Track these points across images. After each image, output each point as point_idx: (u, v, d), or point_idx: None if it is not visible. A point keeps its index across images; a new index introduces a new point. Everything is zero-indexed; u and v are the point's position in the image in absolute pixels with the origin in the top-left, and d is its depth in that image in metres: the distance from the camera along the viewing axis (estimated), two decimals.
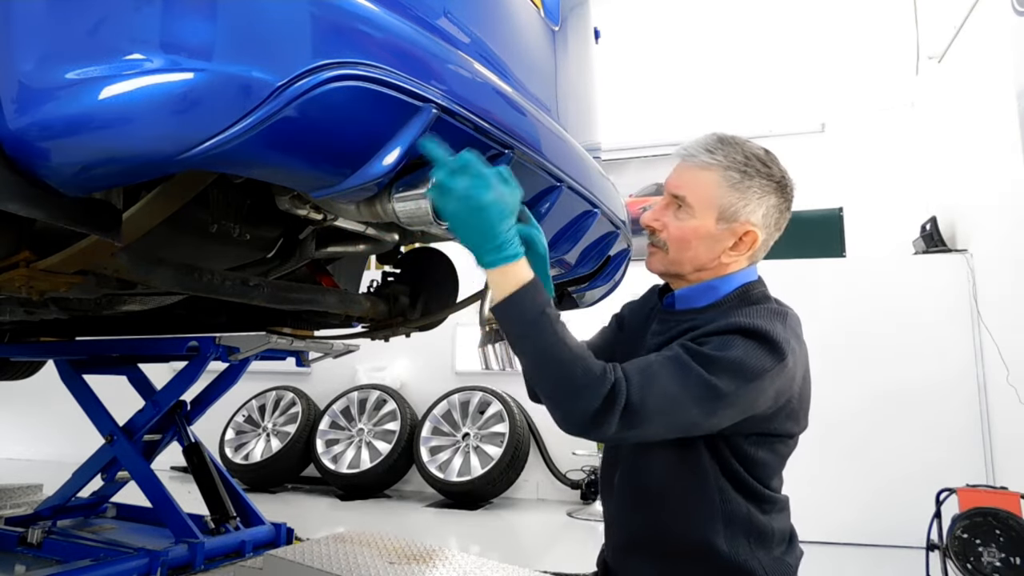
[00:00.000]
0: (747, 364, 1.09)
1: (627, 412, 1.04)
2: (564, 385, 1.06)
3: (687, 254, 1.22)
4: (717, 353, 1.09)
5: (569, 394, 1.06)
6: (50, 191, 0.94)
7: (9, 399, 5.77)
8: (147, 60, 0.83)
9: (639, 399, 1.05)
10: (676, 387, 1.07)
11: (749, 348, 1.10)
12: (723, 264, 1.23)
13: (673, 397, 1.06)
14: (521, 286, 1.08)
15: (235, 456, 5.13)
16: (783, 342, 1.12)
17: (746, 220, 1.19)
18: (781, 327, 1.15)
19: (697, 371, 1.07)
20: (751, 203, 1.18)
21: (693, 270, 1.24)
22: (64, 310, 2.01)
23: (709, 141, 1.23)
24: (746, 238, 1.20)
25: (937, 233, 3.86)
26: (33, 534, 2.45)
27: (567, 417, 1.08)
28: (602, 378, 1.05)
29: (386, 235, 1.98)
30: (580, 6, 2.02)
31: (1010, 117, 2.94)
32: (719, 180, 1.18)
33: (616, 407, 1.04)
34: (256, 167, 0.95)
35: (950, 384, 3.54)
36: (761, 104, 4.98)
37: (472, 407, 4.91)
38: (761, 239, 1.22)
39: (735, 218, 1.19)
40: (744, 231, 1.19)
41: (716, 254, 1.21)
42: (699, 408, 1.08)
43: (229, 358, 2.41)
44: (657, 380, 1.07)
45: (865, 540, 3.49)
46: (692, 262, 1.23)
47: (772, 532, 1.22)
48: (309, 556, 2.13)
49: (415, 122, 1.03)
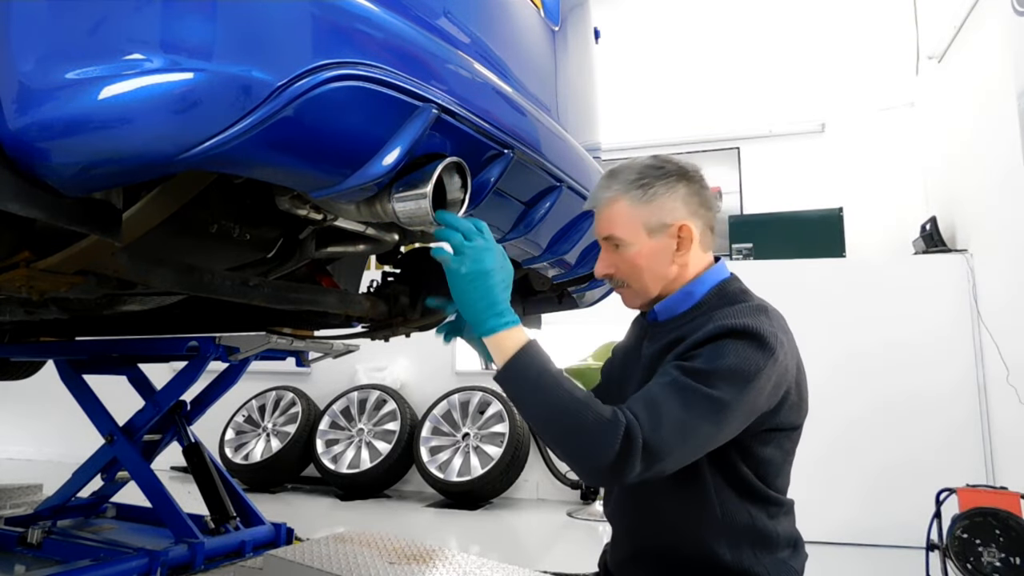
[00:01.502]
0: (742, 368, 1.10)
1: (647, 451, 1.04)
2: (579, 437, 1.06)
3: (645, 278, 1.27)
4: (711, 365, 1.10)
5: (586, 446, 1.05)
6: (50, 191, 0.94)
7: (9, 399, 5.77)
8: (147, 60, 0.83)
9: (654, 435, 1.05)
10: (683, 412, 1.07)
11: (740, 350, 1.11)
12: (683, 267, 1.27)
13: (683, 422, 1.07)
14: (521, 347, 1.12)
15: (235, 456, 5.13)
16: (771, 336, 1.14)
17: (672, 220, 1.24)
18: (767, 321, 1.17)
19: (697, 389, 1.08)
20: (665, 204, 1.24)
21: (660, 287, 1.28)
22: (64, 310, 2.01)
23: (602, 182, 1.30)
24: (683, 233, 1.24)
25: (937, 233, 3.86)
26: (33, 534, 2.45)
27: (590, 471, 1.08)
28: (614, 422, 1.04)
29: (386, 235, 1.98)
30: (580, 6, 2.02)
31: (1010, 117, 2.94)
32: (628, 205, 1.24)
33: (635, 449, 1.03)
34: (256, 167, 0.95)
35: (950, 384, 3.54)
36: (761, 104, 4.98)
37: (472, 407, 4.91)
38: (697, 227, 1.25)
39: (661, 224, 1.24)
40: (677, 229, 1.24)
41: (669, 262, 1.26)
42: (709, 424, 1.08)
43: (229, 358, 2.41)
44: (664, 410, 1.07)
45: (865, 540, 3.49)
46: (654, 282, 1.27)
47: (777, 537, 1.22)
48: (309, 556, 2.13)
49: (415, 122, 1.03)
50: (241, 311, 2.42)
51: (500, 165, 1.29)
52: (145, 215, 1.24)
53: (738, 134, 4.94)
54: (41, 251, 1.26)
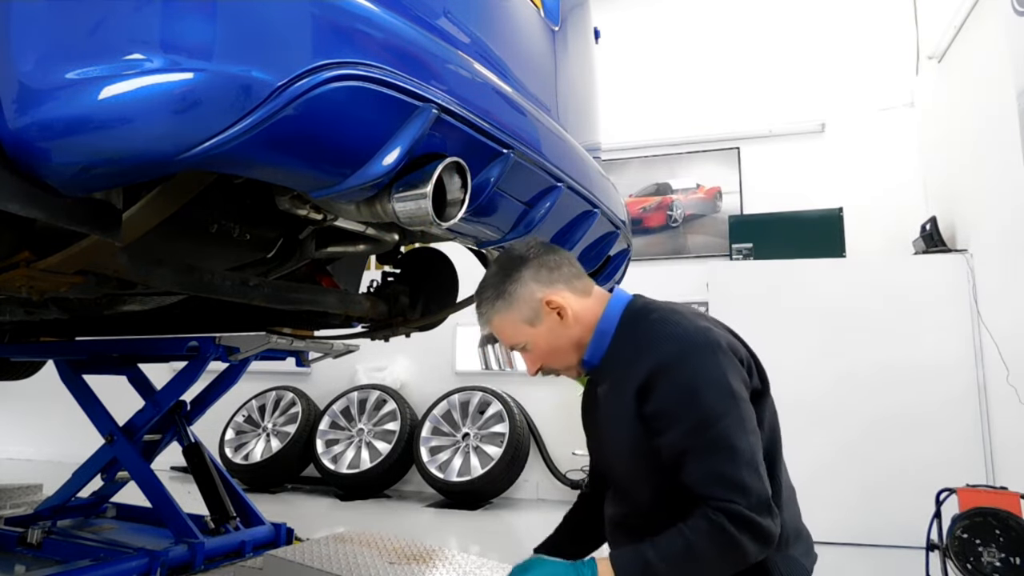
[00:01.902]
0: (704, 378, 1.19)
1: (753, 507, 1.12)
2: (723, 562, 1.14)
3: (561, 355, 1.38)
4: (695, 401, 1.18)
5: (732, 560, 1.14)
6: (50, 191, 0.94)
7: (9, 399, 5.77)
8: (147, 60, 0.83)
9: (744, 496, 1.13)
10: (728, 458, 1.15)
11: (689, 367, 1.20)
12: (579, 326, 1.36)
13: (739, 462, 1.15)
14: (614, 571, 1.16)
15: (235, 456, 5.13)
16: (696, 331, 1.24)
17: (538, 302, 1.34)
18: (684, 319, 1.28)
19: (711, 433, 1.16)
20: (523, 296, 1.34)
21: (580, 350, 1.37)
22: (64, 310, 2.01)
23: (477, 311, 1.41)
24: (552, 305, 1.34)
25: (937, 233, 3.86)
26: (33, 534, 2.45)
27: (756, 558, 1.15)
28: (718, 526, 1.12)
29: (386, 235, 1.98)
30: (580, 6, 2.02)
31: (1010, 117, 2.93)
32: (503, 315, 1.36)
33: (748, 519, 1.12)
34: (256, 167, 0.95)
35: (950, 384, 3.54)
36: (761, 104, 4.98)
37: (472, 407, 4.91)
38: (558, 290, 1.35)
39: (534, 312, 1.34)
40: (545, 305, 1.34)
41: (565, 331, 1.35)
42: (740, 428, 1.18)
43: (229, 358, 2.40)
44: (724, 470, 1.15)
45: (865, 540, 3.48)
46: (568, 354, 1.38)
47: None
48: (309, 556, 2.13)
49: (415, 122, 1.03)
50: (241, 311, 2.42)
51: (500, 165, 1.29)
52: (145, 215, 1.24)
53: (738, 134, 4.94)
54: (41, 251, 1.26)
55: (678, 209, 5.06)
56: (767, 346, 4.22)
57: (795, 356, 3.65)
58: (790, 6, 5.07)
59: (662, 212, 5.10)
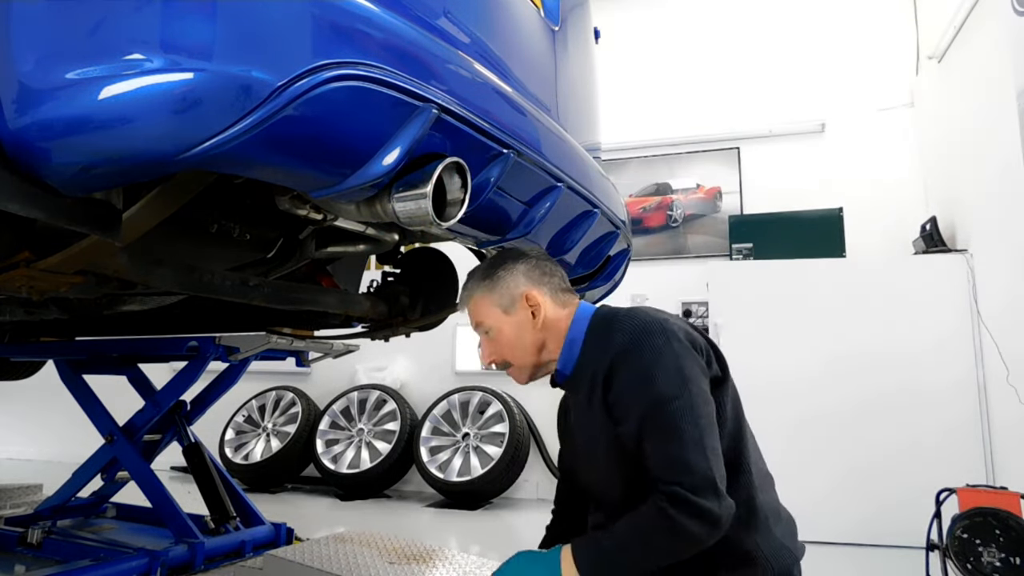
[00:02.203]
0: (659, 363, 1.23)
1: (698, 491, 1.14)
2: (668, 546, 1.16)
3: (519, 351, 1.42)
4: (648, 385, 1.22)
5: (677, 544, 1.16)
6: (50, 191, 0.94)
7: (9, 399, 5.76)
8: (147, 60, 0.83)
9: (688, 477, 1.15)
10: (677, 442, 1.18)
11: (645, 353, 1.25)
12: (548, 329, 1.41)
13: (684, 432, 1.18)
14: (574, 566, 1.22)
15: (235, 456, 5.12)
16: (653, 322, 1.29)
17: (519, 294, 1.40)
18: (644, 313, 1.33)
19: (660, 411, 1.20)
20: (508, 283, 1.41)
21: (540, 353, 1.42)
22: (64, 310, 2.01)
23: (463, 287, 1.49)
24: (531, 301, 1.39)
25: (937, 233, 3.86)
26: (33, 534, 2.45)
27: (700, 545, 1.16)
28: (661, 511, 1.14)
29: (386, 235, 1.99)
30: (580, 6, 2.02)
31: (1010, 117, 2.93)
32: (482, 296, 1.43)
33: (690, 502, 1.13)
34: (256, 167, 0.95)
35: (950, 384, 3.54)
36: (761, 104, 4.97)
37: (472, 407, 4.91)
38: (543, 292, 1.41)
39: (511, 301, 1.40)
40: (524, 298, 1.39)
41: (534, 330, 1.40)
42: (690, 410, 1.20)
43: (229, 358, 2.40)
44: (672, 454, 1.17)
45: (865, 540, 3.48)
46: (526, 353, 1.41)
47: (759, 508, 1.29)
48: (309, 556, 2.14)
49: (415, 122, 1.03)
50: (241, 311, 2.42)
51: (500, 165, 1.29)
52: (145, 215, 1.24)
53: (738, 134, 4.94)
54: (41, 251, 1.26)
55: (678, 209, 5.06)
56: (767, 346, 4.22)
57: (795, 356, 3.65)
58: (790, 6, 5.07)
59: (662, 212, 5.10)
